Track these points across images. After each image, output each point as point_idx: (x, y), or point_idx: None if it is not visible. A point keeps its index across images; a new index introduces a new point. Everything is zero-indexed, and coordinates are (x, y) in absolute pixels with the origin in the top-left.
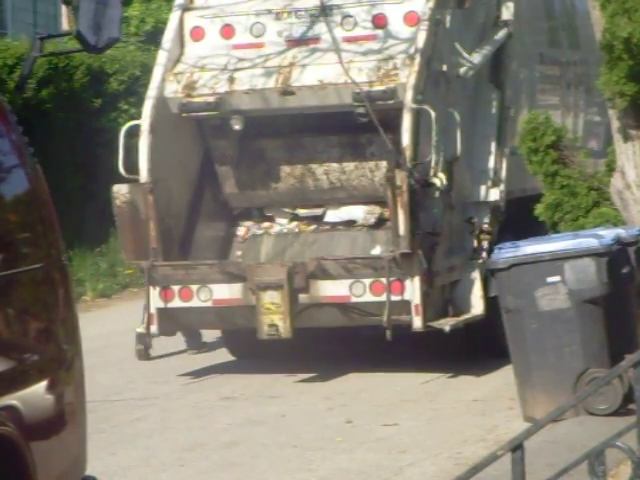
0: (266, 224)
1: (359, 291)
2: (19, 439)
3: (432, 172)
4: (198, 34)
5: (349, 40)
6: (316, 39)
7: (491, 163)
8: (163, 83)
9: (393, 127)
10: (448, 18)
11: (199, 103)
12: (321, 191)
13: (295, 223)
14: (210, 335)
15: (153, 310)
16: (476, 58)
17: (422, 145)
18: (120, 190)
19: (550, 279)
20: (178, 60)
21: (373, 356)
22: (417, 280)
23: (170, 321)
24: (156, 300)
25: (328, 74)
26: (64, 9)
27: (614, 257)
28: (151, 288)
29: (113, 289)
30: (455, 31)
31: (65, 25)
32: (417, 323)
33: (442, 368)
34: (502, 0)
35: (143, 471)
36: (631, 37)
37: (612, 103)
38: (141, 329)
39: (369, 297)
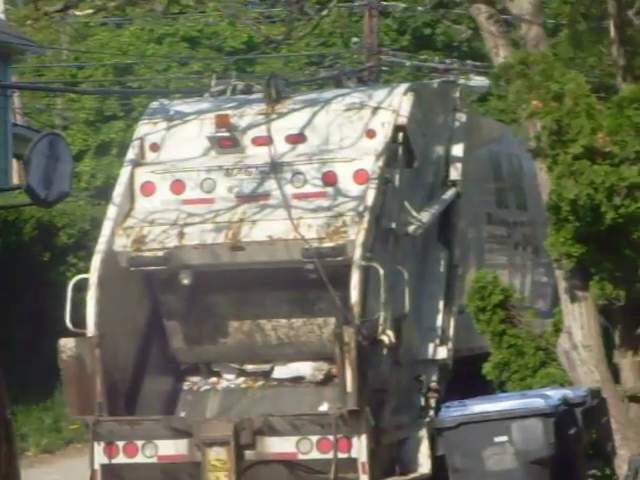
0: (213, 379)
1: (306, 448)
2: None
3: (380, 329)
4: (149, 189)
5: (299, 197)
6: (266, 195)
7: (439, 321)
8: (112, 237)
9: (342, 284)
10: (397, 177)
11: (148, 257)
12: (269, 347)
13: (242, 379)
14: None
15: (97, 466)
16: (425, 217)
17: (370, 302)
18: (66, 344)
19: (497, 439)
20: (128, 215)
21: None
22: (364, 438)
23: (114, 478)
24: (100, 456)
25: (278, 230)
26: (15, 163)
27: (561, 418)
28: (95, 444)
29: (57, 445)
30: (404, 190)
31: (15, 179)
32: None
33: None
34: (450, 160)
35: None
36: (577, 199)
37: (559, 264)
38: None
39: (316, 454)
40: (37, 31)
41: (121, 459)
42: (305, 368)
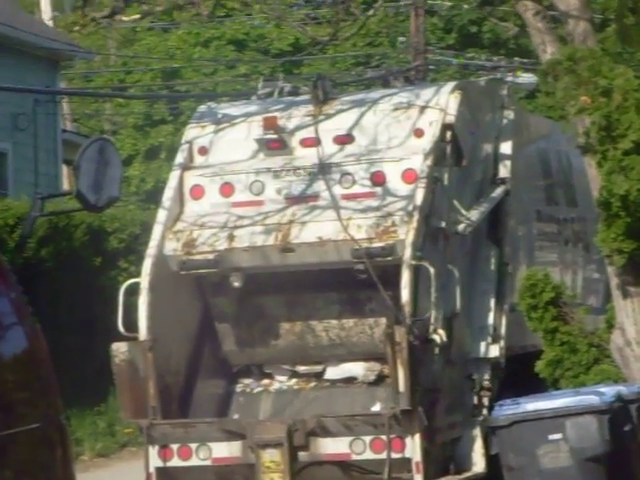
0: (265, 381)
1: (359, 449)
2: None
3: (431, 328)
4: (198, 192)
5: (348, 197)
6: (315, 196)
7: (490, 319)
8: (163, 241)
9: (392, 283)
10: (446, 176)
11: (199, 260)
12: (321, 348)
13: (295, 380)
14: None
15: (152, 469)
16: (474, 215)
17: (421, 301)
18: (119, 348)
19: (552, 436)
20: (178, 218)
21: None
22: (418, 437)
23: None
24: (155, 459)
25: (327, 231)
26: (65, 169)
27: (616, 415)
28: (150, 447)
29: (112, 448)
30: (453, 188)
31: (66, 185)
32: None
33: None
34: (499, 158)
35: None
36: (628, 194)
37: (610, 260)
38: None
39: (369, 455)
40: (85, 37)
41: (175, 462)
42: (357, 368)
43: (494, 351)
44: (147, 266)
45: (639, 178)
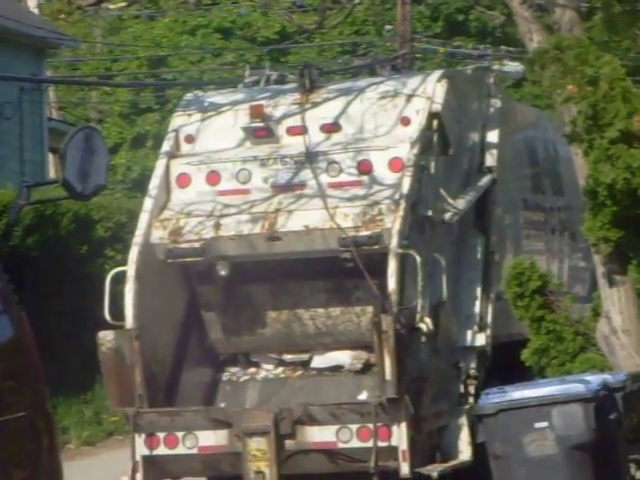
0: (252, 369)
1: (346, 437)
2: None
3: (418, 317)
4: (184, 181)
5: (334, 186)
6: (302, 185)
7: (477, 308)
8: (149, 229)
9: (379, 272)
10: (432, 164)
11: (185, 249)
12: (307, 336)
13: (281, 368)
14: None
15: (138, 458)
16: (461, 204)
17: (408, 290)
18: (105, 336)
19: (538, 425)
20: (164, 207)
21: None
22: (404, 426)
23: (155, 469)
24: (141, 447)
25: (314, 219)
26: (51, 157)
27: (601, 403)
28: (136, 435)
29: (98, 437)
30: (439, 177)
31: (52, 173)
32: (404, 469)
33: None
34: (486, 147)
35: None
36: (614, 183)
37: (596, 249)
38: (126, 478)
39: (356, 443)
40: (71, 25)
41: (162, 450)
42: (344, 357)
43: (480, 340)
44: (133, 254)
45: (625, 167)
